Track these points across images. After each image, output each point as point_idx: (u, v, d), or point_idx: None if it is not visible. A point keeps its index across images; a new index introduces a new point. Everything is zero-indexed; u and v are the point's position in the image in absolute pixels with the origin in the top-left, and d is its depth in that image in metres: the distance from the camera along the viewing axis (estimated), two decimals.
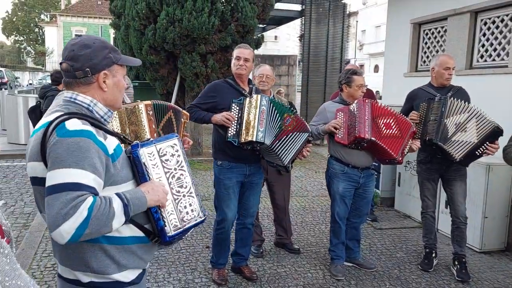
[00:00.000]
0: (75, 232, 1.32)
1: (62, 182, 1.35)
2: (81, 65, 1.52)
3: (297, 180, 7.22)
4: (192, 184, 1.71)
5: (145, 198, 1.50)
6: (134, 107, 2.36)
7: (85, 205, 1.33)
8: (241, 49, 3.41)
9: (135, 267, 1.61)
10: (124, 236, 1.55)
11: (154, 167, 1.60)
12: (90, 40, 1.56)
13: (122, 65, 1.63)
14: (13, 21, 54.68)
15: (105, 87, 1.57)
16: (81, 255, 1.51)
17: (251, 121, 3.16)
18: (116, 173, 1.49)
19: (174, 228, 1.62)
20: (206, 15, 7.16)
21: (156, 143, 1.63)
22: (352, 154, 3.62)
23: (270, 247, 4.41)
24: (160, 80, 8.07)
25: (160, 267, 3.84)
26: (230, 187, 3.43)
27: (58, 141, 1.39)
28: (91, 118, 1.51)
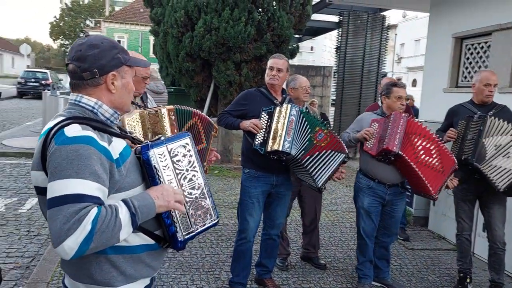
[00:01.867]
0: (79, 247, 1.24)
1: (63, 194, 1.27)
2: (89, 65, 1.43)
3: (327, 193, 7.09)
4: (204, 185, 1.63)
5: (154, 205, 1.42)
6: (157, 111, 2.36)
7: (89, 218, 1.25)
8: (275, 59, 3.38)
9: (143, 277, 1.54)
10: (132, 245, 1.47)
11: (165, 169, 1.52)
12: (98, 40, 1.48)
13: (131, 66, 1.56)
14: (60, 26, 57.20)
15: (113, 89, 1.50)
16: (85, 266, 1.43)
17: (279, 130, 3.12)
18: (121, 179, 1.41)
19: (185, 232, 1.55)
20: (243, 24, 7.20)
21: (167, 143, 1.55)
22: (379, 168, 3.50)
23: (296, 260, 4.32)
24: (195, 87, 8.16)
25: (184, 273, 3.82)
26: (255, 196, 3.37)
27: (56, 150, 1.31)
28: (95, 121, 1.44)
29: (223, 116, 3.44)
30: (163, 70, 9.43)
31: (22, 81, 23.38)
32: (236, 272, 3.50)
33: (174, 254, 4.19)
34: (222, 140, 8.54)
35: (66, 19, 58.10)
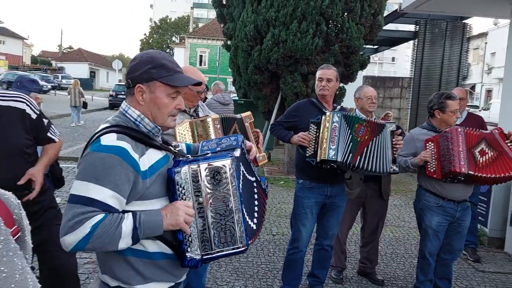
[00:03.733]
0: (76, 245, 1.38)
1: (78, 194, 1.40)
2: (127, 76, 1.60)
3: (394, 208, 6.82)
4: (236, 210, 1.57)
5: (162, 222, 1.47)
6: (203, 120, 2.51)
7: (90, 222, 1.37)
8: (324, 70, 3.40)
9: (163, 281, 1.59)
10: (150, 251, 1.54)
11: (195, 186, 1.53)
12: (142, 54, 1.61)
13: (167, 84, 1.56)
14: (149, 42, 61.51)
15: (141, 101, 1.57)
16: (109, 263, 1.55)
17: (324, 139, 3.12)
18: (143, 190, 1.49)
19: (203, 252, 1.55)
20: (310, 37, 7.25)
21: (202, 162, 1.54)
22: (447, 187, 3.32)
23: (352, 274, 4.23)
24: (263, 98, 8.35)
25: (238, 279, 3.93)
26: (309, 206, 3.38)
27: (88, 154, 1.45)
28: (135, 132, 1.53)
29: (275, 127, 3.52)
30: (236, 83, 9.75)
31: (113, 94, 25.39)
32: (287, 280, 3.53)
33: (231, 259, 4.32)
34: (288, 151, 8.61)
35: (154, 36, 62.39)
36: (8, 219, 0.97)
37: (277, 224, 5.63)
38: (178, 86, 1.60)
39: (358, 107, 3.84)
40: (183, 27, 60.43)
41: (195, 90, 2.87)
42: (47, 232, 2.29)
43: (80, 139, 12.19)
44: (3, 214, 0.97)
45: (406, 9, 8.56)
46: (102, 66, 55.30)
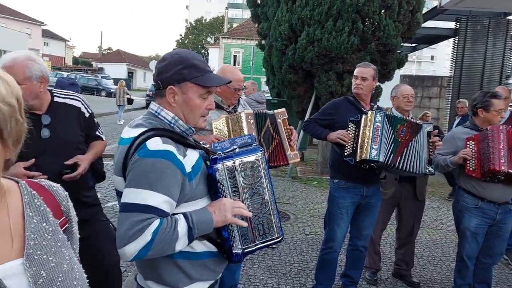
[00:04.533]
0: (138, 253, 1.36)
1: (133, 202, 1.38)
2: (156, 77, 1.55)
3: (432, 210, 6.64)
4: (271, 201, 1.62)
5: (212, 220, 1.48)
6: (237, 115, 2.53)
7: (150, 229, 1.36)
8: (360, 68, 3.35)
9: (207, 279, 1.62)
10: (198, 251, 1.55)
11: (231, 182, 1.55)
12: (171, 54, 1.57)
13: (199, 84, 1.54)
14: (184, 43, 62.51)
15: (173, 103, 1.54)
16: (156, 267, 1.54)
17: (365, 138, 3.08)
18: (190, 191, 1.48)
19: (245, 246, 1.59)
20: (346, 35, 7.17)
21: (236, 158, 1.57)
22: (487, 188, 3.20)
23: (387, 276, 4.16)
24: (297, 98, 8.32)
25: (271, 276, 3.94)
26: (344, 206, 3.34)
27: (137, 161, 1.42)
28: (174, 133, 1.51)
29: (310, 124, 3.49)
30: (269, 82, 9.76)
31: (150, 94, 25.99)
32: (320, 280, 3.51)
33: (264, 257, 4.34)
34: (322, 151, 8.54)
35: (190, 36, 63.35)
36: (56, 211, 1.01)
37: (310, 224, 5.61)
38: (210, 87, 1.58)
39: (394, 106, 3.76)
40: (217, 28, 61.05)
41: (232, 88, 2.91)
42: (92, 227, 2.38)
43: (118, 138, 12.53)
44: (52, 206, 1.00)
45: (446, 5, 8.34)
46: (140, 67, 56.70)
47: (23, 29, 32.41)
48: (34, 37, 40.44)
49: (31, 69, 2.15)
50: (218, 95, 2.98)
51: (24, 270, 0.88)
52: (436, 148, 3.24)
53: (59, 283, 0.92)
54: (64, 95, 2.42)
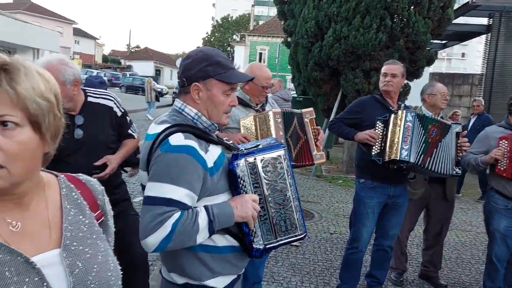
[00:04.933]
0: (159, 244, 1.40)
1: (155, 195, 1.42)
2: (181, 74, 1.59)
3: (461, 212, 6.48)
4: (293, 198, 1.63)
5: (233, 214, 1.49)
6: (265, 114, 2.53)
7: (171, 220, 1.39)
8: (389, 65, 3.29)
9: (229, 274, 1.63)
10: (219, 245, 1.57)
11: (252, 178, 1.56)
12: (196, 52, 1.60)
13: (223, 81, 1.56)
14: (211, 41, 62.93)
15: (197, 99, 1.57)
16: (178, 260, 1.57)
17: (395, 138, 3.03)
18: (212, 185, 1.50)
19: (267, 242, 1.60)
20: (374, 32, 7.06)
21: (258, 154, 1.57)
22: None
23: (413, 277, 4.08)
24: (322, 95, 8.26)
25: (294, 274, 3.93)
26: (371, 206, 3.29)
27: (160, 155, 1.45)
28: (196, 129, 1.54)
29: (335, 124, 3.44)
30: (295, 80, 9.72)
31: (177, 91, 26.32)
32: (345, 280, 3.47)
33: (288, 255, 4.33)
34: (348, 150, 8.45)
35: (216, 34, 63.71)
36: (92, 204, 1.04)
37: (335, 223, 5.56)
38: (234, 83, 1.60)
39: (429, 104, 3.65)
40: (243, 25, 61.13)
41: (260, 86, 2.90)
42: (123, 221, 2.43)
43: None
44: (88, 199, 1.03)
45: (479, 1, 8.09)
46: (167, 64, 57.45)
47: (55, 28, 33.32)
48: (66, 36, 41.58)
49: (65, 74, 2.20)
50: (246, 93, 2.98)
51: (61, 260, 0.92)
52: (464, 150, 3.17)
53: (94, 274, 0.95)
54: (97, 95, 2.46)
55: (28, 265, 0.86)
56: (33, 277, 0.86)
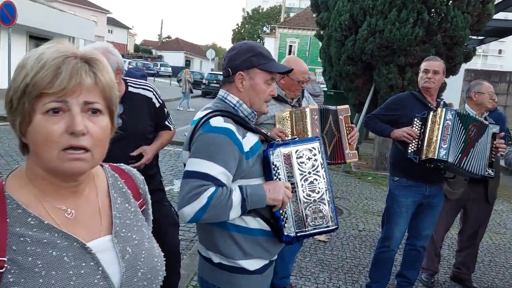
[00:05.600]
0: (194, 215, 1.50)
1: (194, 170, 1.54)
2: (226, 65, 1.71)
3: (495, 214, 6.27)
4: (326, 190, 1.69)
5: (265, 196, 1.57)
6: (302, 110, 2.50)
7: (206, 194, 1.49)
8: (430, 62, 3.19)
9: (260, 257, 1.71)
10: (251, 227, 1.66)
11: (287, 168, 1.64)
12: (240, 44, 1.73)
13: (265, 71, 1.68)
14: (241, 32, 62.90)
15: (241, 88, 1.69)
16: (213, 238, 1.68)
17: (434, 136, 2.95)
18: (247, 169, 1.61)
19: (297, 230, 1.65)
20: (410, 26, 6.87)
21: (293, 145, 1.66)
22: None
23: (445, 279, 4.00)
24: (354, 90, 8.12)
25: (322, 270, 3.92)
26: (405, 205, 3.23)
27: (200, 135, 1.59)
28: (236, 116, 1.65)
29: (371, 121, 3.38)
30: (326, 74, 9.59)
31: (206, 82, 26.45)
32: (375, 278, 3.43)
33: (316, 251, 4.32)
34: (378, 147, 8.31)
35: (246, 26, 63.59)
36: (135, 193, 1.08)
37: (364, 220, 5.50)
38: (275, 72, 1.71)
39: (474, 102, 3.53)
40: (274, 17, 60.74)
41: (296, 80, 2.88)
42: (158, 211, 2.48)
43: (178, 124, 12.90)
44: (131, 188, 1.07)
45: None
46: (197, 55, 57.83)
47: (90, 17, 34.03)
48: (100, 25, 42.38)
49: (109, 62, 2.24)
50: (282, 88, 2.96)
51: (112, 246, 0.96)
52: (499, 152, 3.08)
53: (143, 259, 0.98)
54: (137, 85, 2.51)
55: (84, 250, 0.90)
56: (89, 261, 0.90)
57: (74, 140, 0.83)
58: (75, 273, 0.86)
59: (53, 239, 0.87)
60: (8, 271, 0.82)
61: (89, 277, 0.88)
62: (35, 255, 0.84)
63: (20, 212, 0.86)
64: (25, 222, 0.86)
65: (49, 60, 0.84)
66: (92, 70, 0.88)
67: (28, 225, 0.86)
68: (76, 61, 0.86)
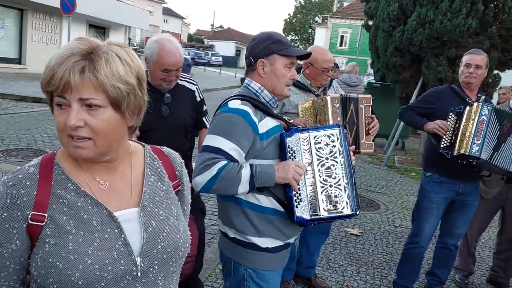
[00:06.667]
0: (205, 184, 1.62)
1: (208, 144, 1.67)
2: (248, 54, 1.83)
3: None
4: (343, 177, 1.71)
5: (274, 174, 1.66)
6: (323, 99, 2.50)
7: (217, 166, 1.61)
8: (473, 55, 3.04)
9: (273, 237, 1.78)
10: (263, 205, 1.75)
11: (305, 152, 1.71)
12: (260, 34, 1.83)
13: (284, 55, 1.77)
14: (292, 22, 62.39)
15: (263, 74, 1.79)
16: (229, 213, 1.80)
17: (467, 132, 2.84)
18: (260, 149, 1.71)
19: (312, 213, 1.70)
20: (463, 17, 6.54)
21: (312, 131, 1.73)
22: None
23: (481, 281, 3.85)
24: (401, 83, 7.87)
25: (351, 263, 3.89)
26: (435, 201, 3.14)
27: (218, 114, 1.74)
28: (255, 101, 1.76)
29: (406, 112, 3.30)
30: (374, 65, 9.35)
31: None
32: (402, 275, 3.37)
33: (347, 244, 4.29)
34: (425, 142, 8.02)
35: (298, 16, 62.95)
36: (171, 174, 1.17)
37: (401, 216, 5.37)
38: (294, 56, 1.79)
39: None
40: (326, 7, 59.66)
41: (320, 68, 2.87)
42: None
43: None
44: (168, 169, 1.17)
45: None
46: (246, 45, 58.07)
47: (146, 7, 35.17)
48: (156, 15, 43.68)
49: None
50: (307, 77, 2.96)
51: (138, 218, 1.06)
52: None
53: (165, 234, 1.07)
54: (183, 78, 2.58)
55: (110, 218, 1.02)
56: (114, 228, 1.01)
57: (74, 131, 0.94)
58: (99, 236, 0.99)
59: (86, 204, 1.00)
60: (47, 225, 0.97)
61: (111, 242, 0.99)
62: (69, 215, 0.98)
63: (63, 178, 1.01)
64: (66, 187, 1.00)
65: (52, 61, 0.94)
66: (87, 67, 0.93)
67: (68, 190, 1.00)
68: (77, 59, 0.93)
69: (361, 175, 7.17)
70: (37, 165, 1.01)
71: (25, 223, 0.96)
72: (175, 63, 2.30)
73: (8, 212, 0.95)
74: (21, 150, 6.07)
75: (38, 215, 0.96)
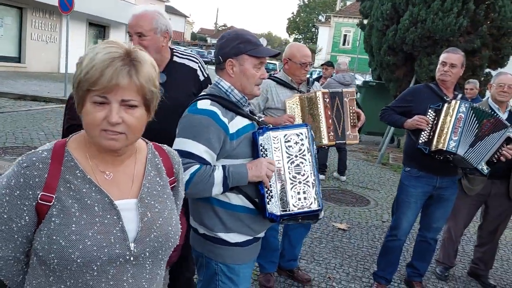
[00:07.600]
0: None
1: (179, 149, 1.63)
2: (216, 53, 1.81)
3: None
4: (311, 174, 1.77)
5: (247, 174, 1.68)
6: (312, 95, 2.61)
7: (190, 170, 1.62)
8: (449, 54, 3.14)
9: (241, 233, 1.82)
10: (233, 203, 1.78)
11: (276, 150, 1.74)
12: (228, 32, 1.82)
13: (253, 56, 1.75)
14: (296, 21, 62.38)
15: (232, 74, 1.77)
16: (198, 210, 1.83)
17: (445, 128, 2.94)
18: (230, 149, 1.72)
19: (282, 209, 1.75)
20: (454, 16, 6.63)
21: (282, 130, 1.77)
22: None
23: (461, 274, 3.95)
24: (395, 81, 7.96)
25: (336, 257, 4.00)
26: (414, 195, 3.24)
27: (186, 116, 1.73)
28: (225, 101, 1.75)
29: (386, 113, 3.39)
30: (371, 64, 9.44)
31: None
32: (382, 266, 3.48)
33: (333, 238, 4.40)
34: None
35: (301, 15, 62.92)
36: (169, 171, 1.27)
37: (389, 212, 5.46)
38: (263, 57, 1.79)
39: (492, 96, 3.48)
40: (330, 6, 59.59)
41: (298, 63, 2.99)
42: None
43: None
44: (166, 165, 1.27)
45: None
46: None
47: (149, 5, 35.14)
48: None
49: (158, 22, 2.23)
50: (287, 73, 3.08)
51: (136, 208, 1.16)
52: (502, 159, 2.98)
53: (158, 224, 1.18)
54: (183, 55, 2.44)
55: (111, 206, 1.12)
56: (113, 215, 1.12)
57: (111, 126, 1.05)
58: (99, 220, 1.09)
59: (90, 191, 1.10)
60: (54, 206, 1.07)
61: (110, 227, 1.10)
62: (75, 199, 1.08)
63: (72, 164, 1.11)
64: (74, 173, 1.10)
65: (98, 62, 1.03)
66: (132, 71, 1.05)
67: (75, 176, 1.10)
68: (121, 63, 1.04)
69: (354, 172, 7.28)
70: (49, 150, 1.11)
71: (35, 202, 1.06)
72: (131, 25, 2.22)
73: (21, 191, 1.06)
74: (17, 148, 6.19)
75: (47, 196, 1.06)
